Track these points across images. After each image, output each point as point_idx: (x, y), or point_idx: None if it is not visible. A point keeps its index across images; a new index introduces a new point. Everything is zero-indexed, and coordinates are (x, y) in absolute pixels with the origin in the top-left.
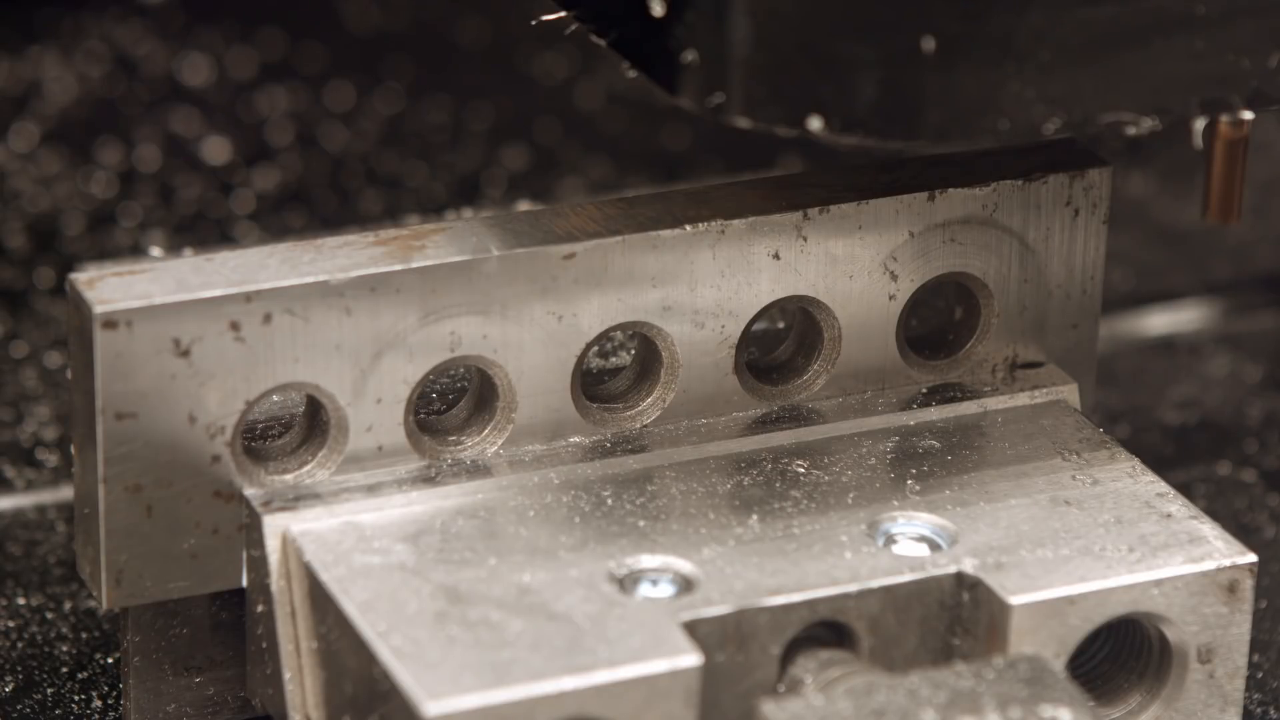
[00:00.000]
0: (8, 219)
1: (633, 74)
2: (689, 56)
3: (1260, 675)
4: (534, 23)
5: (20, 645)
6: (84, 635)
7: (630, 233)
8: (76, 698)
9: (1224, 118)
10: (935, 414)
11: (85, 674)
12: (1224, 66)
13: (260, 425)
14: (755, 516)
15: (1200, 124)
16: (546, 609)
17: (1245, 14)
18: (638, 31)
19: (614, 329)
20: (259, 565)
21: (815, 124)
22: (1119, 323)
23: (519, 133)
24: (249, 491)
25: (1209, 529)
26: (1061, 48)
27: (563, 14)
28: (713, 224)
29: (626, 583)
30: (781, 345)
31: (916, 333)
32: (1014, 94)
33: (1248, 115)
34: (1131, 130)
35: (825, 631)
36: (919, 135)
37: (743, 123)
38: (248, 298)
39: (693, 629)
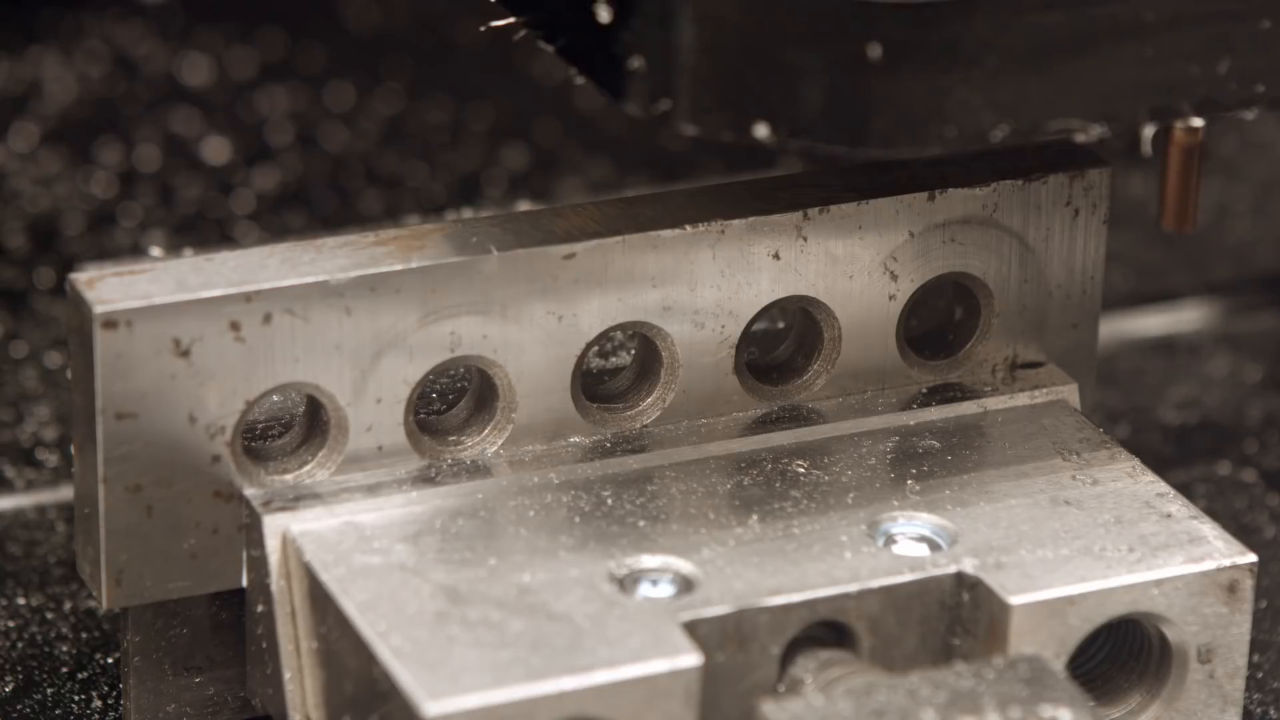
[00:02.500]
0: (8, 219)
1: (580, 81)
2: (635, 63)
3: (1260, 675)
4: (482, 29)
5: (20, 645)
6: (84, 635)
7: (630, 233)
8: (76, 698)
9: (1178, 125)
10: (935, 414)
11: (85, 674)
12: (1173, 73)
13: (260, 425)
14: (755, 516)
15: (1149, 131)
16: (546, 609)
17: (1193, 21)
18: (585, 38)
19: (614, 329)
20: (259, 565)
21: (761, 131)
22: (1119, 323)
23: (519, 133)
24: (249, 491)
25: (1209, 529)
26: (1009, 55)
27: (512, 20)
28: (713, 224)
29: (626, 583)
30: (781, 345)
31: (916, 333)
32: (961, 101)
33: (1197, 123)
34: (1081, 137)
35: (825, 631)
36: (866, 142)
37: (689, 130)
38: (248, 298)
39: (693, 629)
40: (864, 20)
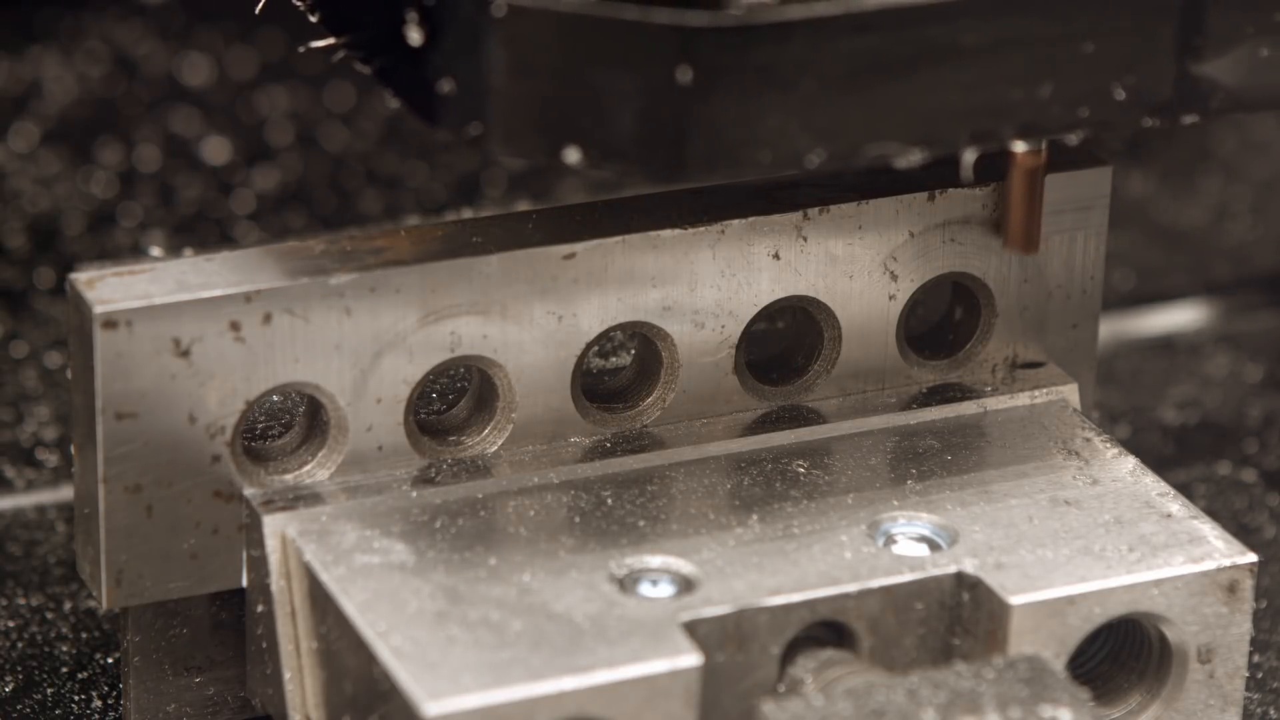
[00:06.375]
0: (8, 219)
1: (395, 103)
2: (446, 86)
3: (1260, 675)
4: (301, 50)
5: (20, 645)
6: (84, 635)
7: (630, 233)
8: (76, 698)
9: (1019, 146)
10: (935, 414)
11: (85, 674)
12: (994, 97)
13: (260, 425)
14: (755, 516)
15: (970, 156)
16: (546, 609)
17: (1014, 44)
18: (399, 60)
19: (614, 329)
20: (259, 565)
21: (573, 155)
22: (1119, 323)
23: None
24: (249, 491)
25: (1209, 529)
26: (824, 78)
27: (331, 41)
28: (713, 224)
29: (626, 583)
30: (781, 345)
31: (916, 333)
32: (776, 126)
33: (1019, 146)
34: (901, 163)
35: (825, 631)
36: (682, 167)
37: (501, 153)
38: (248, 298)
39: (693, 629)
40: (675, 43)
